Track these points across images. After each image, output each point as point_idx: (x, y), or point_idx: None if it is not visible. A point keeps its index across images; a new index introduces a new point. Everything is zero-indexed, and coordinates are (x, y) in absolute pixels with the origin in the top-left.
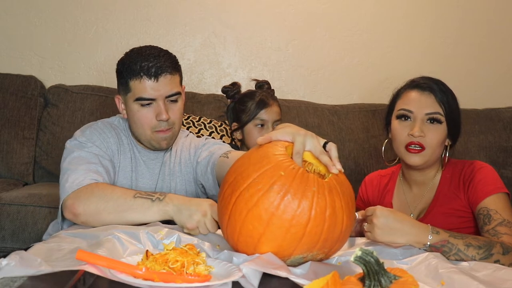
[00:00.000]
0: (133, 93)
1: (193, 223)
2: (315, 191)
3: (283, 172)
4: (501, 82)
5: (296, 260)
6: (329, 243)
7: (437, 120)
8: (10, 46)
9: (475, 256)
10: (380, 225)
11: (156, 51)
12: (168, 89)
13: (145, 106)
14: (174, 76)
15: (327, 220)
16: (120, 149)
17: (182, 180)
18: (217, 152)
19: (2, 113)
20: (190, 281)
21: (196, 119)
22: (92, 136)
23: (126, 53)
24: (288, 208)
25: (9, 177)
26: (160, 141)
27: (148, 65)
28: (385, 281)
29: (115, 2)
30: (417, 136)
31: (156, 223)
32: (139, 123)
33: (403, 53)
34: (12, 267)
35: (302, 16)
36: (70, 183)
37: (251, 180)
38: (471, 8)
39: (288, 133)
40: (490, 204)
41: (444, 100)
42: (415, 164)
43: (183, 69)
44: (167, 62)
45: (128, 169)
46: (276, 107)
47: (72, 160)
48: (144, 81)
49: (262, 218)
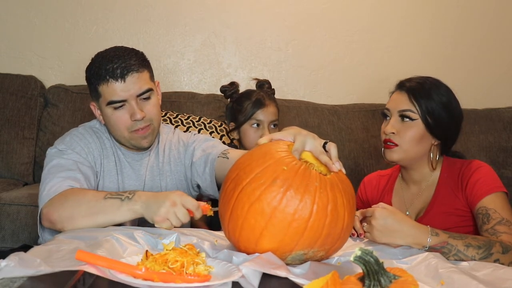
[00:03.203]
0: (104, 98)
1: (161, 215)
2: (317, 186)
3: (285, 167)
4: (501, 82)
5: (297, 256)
6: (330, 240)
7: (408, 117)
8: (10, 46)
9: (475, 256)
10: (379, 227)
11: (121, 51)
12: (138, 88)
13: (118, 108)
14: (141, 73)
15: (329, 215)
16: (103, 153)
17: (172, 179)
18: (213, 152)
19: (2, 113)
20: (190, 281)
21: (196, 119)
22: (72, 142)
23: (92, 59)
24: (291, 202)
25: (9, 177)
26: (139, 141)
27: (113, 67)
28: (384, 281)
29: (115, 2)
30: (388, 133)
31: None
32: (115, 126)
33: (403, 53)
34: (12, 267)
35: (302, 16)
36: (47, 191)
37: (253, 175)
38: (471, 8)
39: (289, 133)
40: (488, 203)
41: (421, 98)
42: (392, 159)
43: (183, 69)
44: (132, 60)
45: (113, 173)
46: (273, 107)
47: (50, 168)
48: (112, 84)
49: (265, 212)
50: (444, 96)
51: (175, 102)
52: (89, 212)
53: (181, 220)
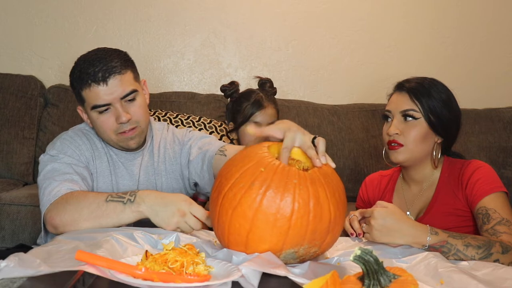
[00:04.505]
0: (88, 102)
1: (172, 226)
2: (296, 183)
3: (263, 169)
4: (501, 82)
5: (288, 255)
6: (318, 235)
7: (411, 116)
8: (10, 46)
9: (474, 256)
10: (378, 227)
11: (102, 53)
12: (121, 90)
13: (103, 112)
14: (124, 75)
15: (312, 211)
16: (95, 154)
17: (168, 179)
18: (210, 149)
19: (2, 113)
20: (190, 281)
21: (196, 119)
22: (63, 147)
23: (75, 63)
24: (271, 202)
25: (9, 177)
26: (126, 142)
27: (94, 70)
28: (384, 280)
29: (115, 2)
30: (392, 134)
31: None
32: (102, 129)
33: (403, 53)
34: (12, 268)
35: (302, 16)
36: (47, 196)
37: (234, 180)
38: (471, 8)
39: (280, 129)
40: (488, 203)
41: (422, 97)
42: (397, 161)
43: (183, 69)
44: (114, 62)
45: (106, 173)
46: (272, 109)
47: (46, 174)
48: (94, 88)
49: (247, 215)
50: (443, 94)
51: (175, 102)
52: (92, 216)
53: (193, 228)
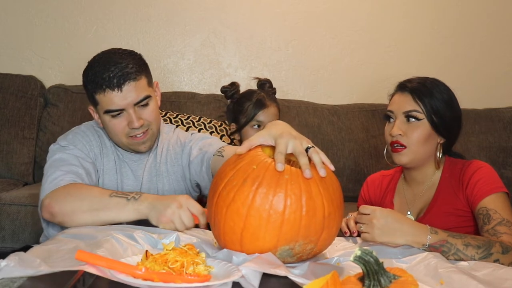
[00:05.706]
0: (101, 106)
1: (167, 215)
2: (288, 179)
3: (255, 166)
4: (501, 82)
5: (284, 252)
6: (313, 230)
7: (414, 117)
8: (10, 46)
9: (474, 256)
10: (380, 226)
11: (117, 57)
12: (135, 97)
13: (116, 116)
14: (139, 81)
15: (304, 206)
16: (103, 152)
17: (169, 180)
18: (209, 150)
19: (2, 113)
20: (190, 281)
21: (196, 119)
22: (74, 139)
23: (89, 63)
24: (264, 199)
25: (9, 177)
26: (137, 146)
27: (109, 76)
28: (384, 281)
29: (115, 2)
30: (395, 135)
31: (128, 226)
32: (113, 132)
33: (403, 53)
34: (12, 267)
35: (302, 16)
36: (49, 183)
37: (227, 179)
38: (471, 8)
39: (271, 136)
40: (489, 203)
41: (424, 97)
42: (401, 163)
43: (183, 69)
44: (129, 67)
45: (112, 171)
46: (274, 108)
47: (53, 162)
48: (108, 93)
49: (240, 212)
50: (445, 94)
51: (175, 102)
52: (92, 208)
53: (185, 224)
